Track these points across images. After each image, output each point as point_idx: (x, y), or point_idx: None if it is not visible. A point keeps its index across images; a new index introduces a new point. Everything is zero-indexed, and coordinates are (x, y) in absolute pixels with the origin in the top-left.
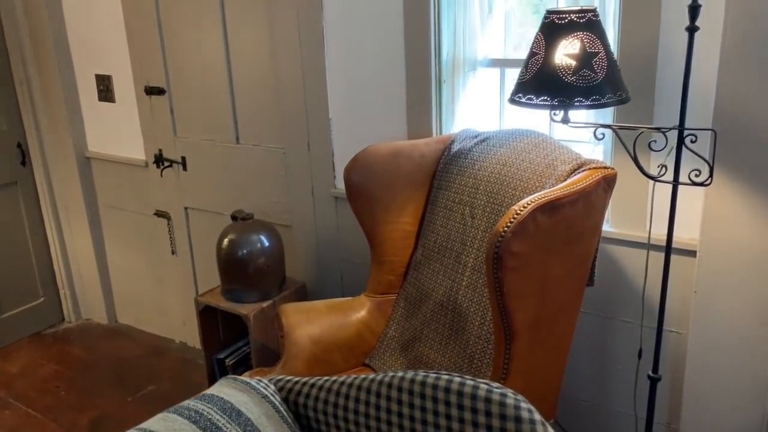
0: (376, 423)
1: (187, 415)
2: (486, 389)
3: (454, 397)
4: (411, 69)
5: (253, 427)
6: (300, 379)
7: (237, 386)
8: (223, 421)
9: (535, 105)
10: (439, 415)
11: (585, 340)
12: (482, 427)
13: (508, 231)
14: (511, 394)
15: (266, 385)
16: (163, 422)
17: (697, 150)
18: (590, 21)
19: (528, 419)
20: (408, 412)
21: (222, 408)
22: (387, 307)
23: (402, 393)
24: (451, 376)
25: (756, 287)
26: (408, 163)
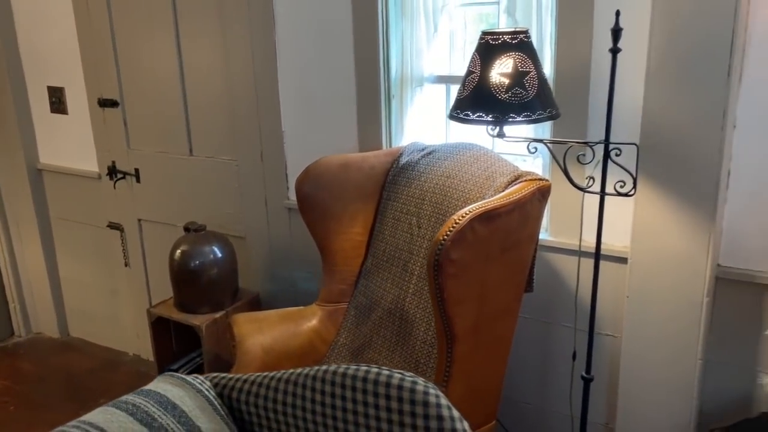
0: (302, 412)
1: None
2: (399, 378)
3: (371, 385)
4: (361, 84)
5: (187, 418)
6: (234, 375)
7: (174, 382)
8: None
9: (472, 121)
10: (357, 403)
11: (527, 344)
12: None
13: (447, 239)
14: (422, 382)
15: (202, 381)
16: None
17: (626, 162)
18: (522, 42)
19: (435, 403)
20: (330, 401)
21: (158, 401)
22: (338, 315)
23: (325, 384)
24: (370, 367)
25: (684, 292)
26: (358, 175)
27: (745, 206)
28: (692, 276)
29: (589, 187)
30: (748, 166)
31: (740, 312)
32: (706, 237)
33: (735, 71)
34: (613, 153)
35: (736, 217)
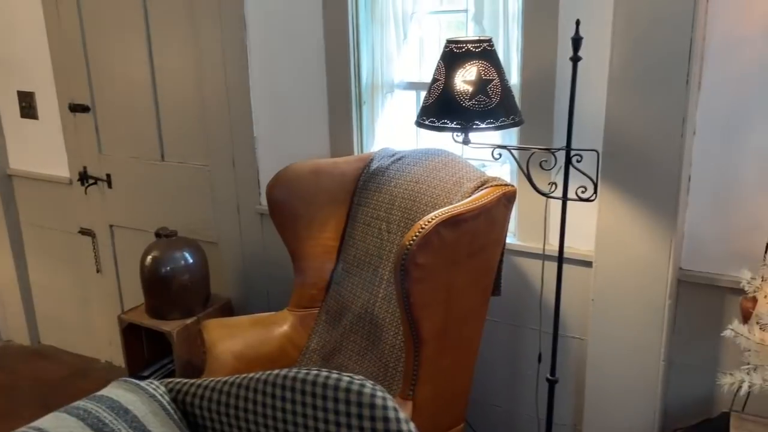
0: (253, 416)
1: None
2: (347, 381)
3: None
4: (332, 90)
5: (139, 423)
6: (189, 380)
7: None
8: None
9: (437, 127)
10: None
11: (495, 346)
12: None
13: (413, 244)
14: (370, 385)
15: (156, 386)
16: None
17: (589, 168)
18: (485, 50)
19: (381, 405)
20: (281, 405)
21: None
22: (309, 320)
23: (276, 388)
24: (320, 371)
25: (647, 295)
26: (329, 180)
27: (706, 211)
28: (655, 279)
29: (551, 193)
30: (709, 171)
31: (702, 314)
32: (668, 241)
33: (694, 79)
34: (575, 159)
35: (697, 221)
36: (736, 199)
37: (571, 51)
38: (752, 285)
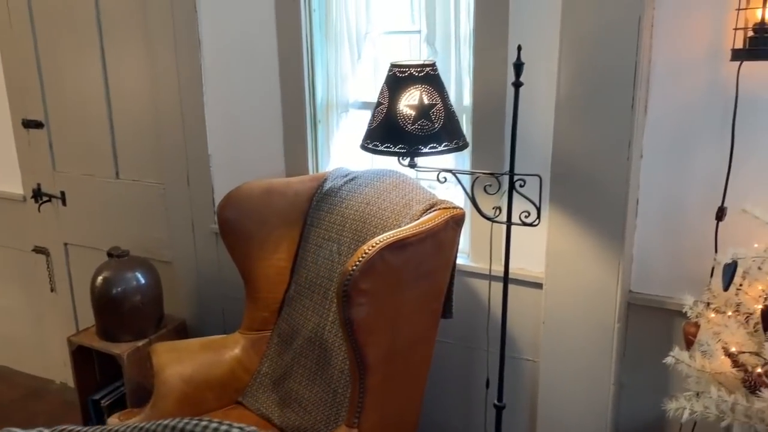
0: None
1: None
2: None
3: None
4: (287, 109)
5: None
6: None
7: None
8: None
9: (381, 151)
10: None
11: (450, 370)
12: None
13: (356, 270)
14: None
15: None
16: None
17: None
18: (428, 75)
19: None
20: None
21: None
22: (261, 343)
23: None
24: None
25: (596, 317)
26: (282, 200)
27: (654, 234)
28: (604, 302)
29: (496, 217)
30: (656, 194)
31: (652, 337)
32: (616, 264)
33: (639, 103)
34: (518, 184)
35: (646, 244)
36: (683, 223)
37: (524, 77)
38: (694, 310)
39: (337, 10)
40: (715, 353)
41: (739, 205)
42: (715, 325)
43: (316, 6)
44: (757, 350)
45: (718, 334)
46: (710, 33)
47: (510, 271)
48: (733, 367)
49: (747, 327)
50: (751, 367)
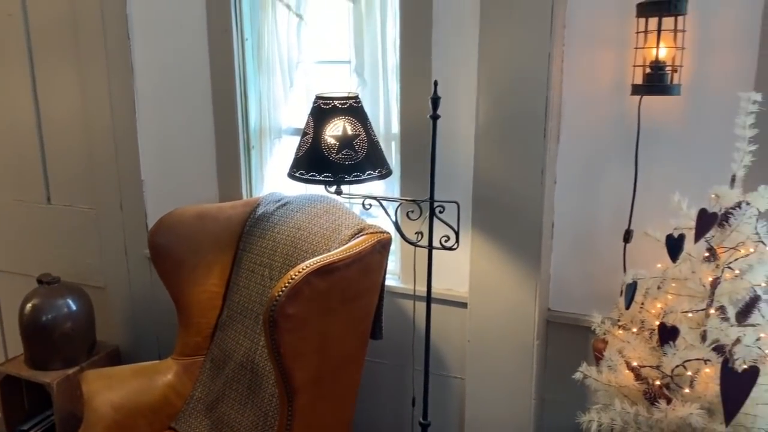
0: None
1: None
2: None
3: None
4: (220, 135)
5: None
6: None
7: None
8: None
9: (307, 180)
10: None
11: (380, 389)
12: None
13: (282, 295)
14: None
15: None
16: None
17: (461, 215)
18: (352, 107)
19: None
20: None
21: None
22: (194, 369)
23: None
24: None
25: (517, 335)
26: (214, 225)
27: (569, 255)
28: (523, 320)
29: (418, 241)
30: (570, 218)
31: (570, 353)
32: (533, 284)
33: (552, 132)
34: (438, 210)
35: (562, 265)
36: (595, 245)
37: (443, 104)
38: (602, 327)
39: (269, 39)
40: (619, 367)
41: (644, 228)
42: (620, 341)
43: (249, 35)
44: (657, 364)
45: (622, 350)
46: (614, 69)
47: (437, 292)
48: (636, 380)
49: (650, 342)
50: (651, 380)
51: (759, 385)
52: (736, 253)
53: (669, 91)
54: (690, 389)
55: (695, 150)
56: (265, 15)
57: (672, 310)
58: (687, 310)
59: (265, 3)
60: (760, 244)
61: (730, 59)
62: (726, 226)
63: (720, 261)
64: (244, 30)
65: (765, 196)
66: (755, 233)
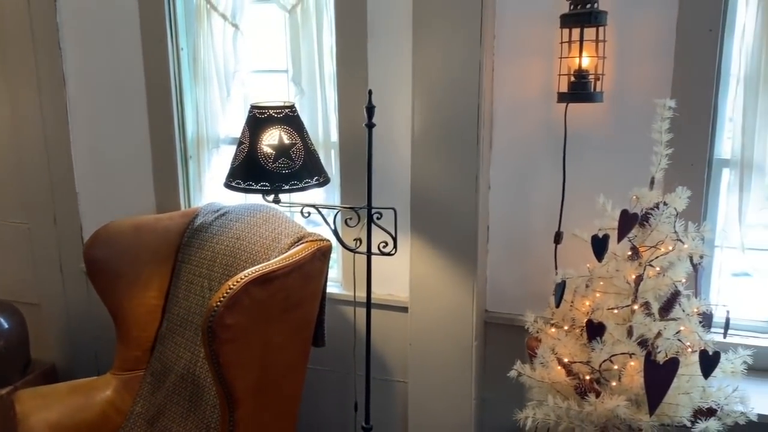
0: None
1: None
2: None
3: None
4: (157, 146)
5: None
6: None
7: None
8: None
9: (243, 189)
10: None
11: (324, 395)
12: None
13: (220, 305)
14: None
15: None
16: None
17: (401, 221)
18: (287, 116)
19: None
20: None
21: None
22: (134, 383)
23: None
24: None
25: (456, 337)
26: (151, 237)
27: (504, 257)
28: (462, 322)
29: (357, 248)
30: (504, 221)
31: (507, 353)
32: (470, 286)
33: (484, 139)
34: (375, 216)
35: (498, 267)
36: (528, 247)
37: (384, 112)
38: (535, 326)
39: (205, 49)
40: (551, 364)
41: (573, 230)
42: (552, 338)
43: (184, 45)
44: (587, 360)
45: (554, 347)
46: (542, 77)
47: (379, 298)
48: (567, 375)
49: (581, 339)
50: (582, 375)
51: (680, 376)
52: (656, 251)
53: (592, 98)
54: (617, 382)
55: (618, 154)
56: (200, 25)
57: (599, 307)
58: (613, 307)
59: (201, 13)
60: (678, 242)
61: (649, 67)
62: (646, 225)
63: (642, 259)
64: (179, 40)
65: (682, 197)
66: (674, 232)
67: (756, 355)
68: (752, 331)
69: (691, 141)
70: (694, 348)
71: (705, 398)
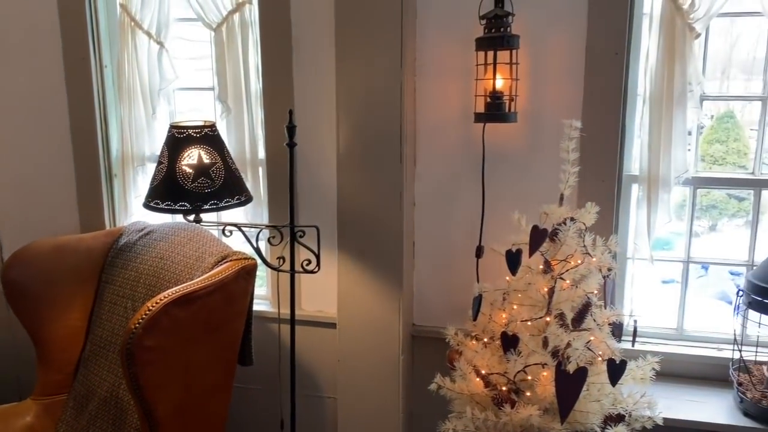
0: None
1: None
2: None
3: None
4: (80, 164)
5: None
6: None
7: None
8: None
9: (162, 209)
10: None
11: (253, 414)
12: None
13: (139, 327)
14: None
15: None
16: None
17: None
18: (207, 135)
19: None
20: None
21: None
22: (56, 408)
23: None
24: None
25: (384, 352)
26: (74, 258)
27: (430, 272)
28: (389, 337)
29: (281, 266)
30: (429, 237)
31: (434, 365)
32: (397, 301)
33: (408, 158)
34: (298, 235)
35: (424, 281)
36: (452, 261)
37: (308, 131)
38: (456, 339)
39: (129, 66)
40: (469, 376)
41: (492, 244)
42: (472, 351)
43: (108, 62)
44: (504, 371)
45: (472, 359)
46: (461, 98)
47: (308, 314)
48: (486, 387)
49: (499, 351)
50: (499, 386)
51: (592, 384)
52: (567, 264)
53: (507, 118)
54: (532, 392)
55: (533, 171)
56: (124, 42)
57: (514, 320)
58: (527, 319)
59: (125, 30)
60: (587, 255)
61: (560, 89)
62: (556, 240)
63: (554, 272)
64: (102, 57)
65: (591, 212)
66: (582, 246)
67: (664, 361)
68: (662, 338)
69: (602, 158)
70: (604, 357)
71: (615, 405)
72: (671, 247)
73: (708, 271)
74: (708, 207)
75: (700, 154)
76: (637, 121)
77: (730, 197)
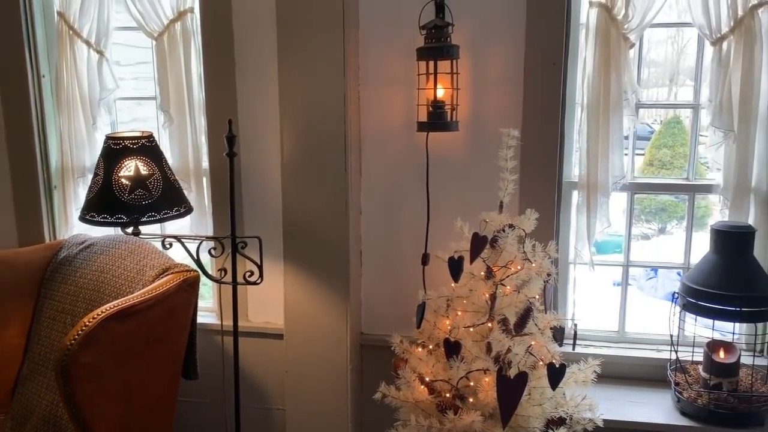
0: None
1: None
2: None
3: None
4: (17, 175)
5: None
6: None
7: None
8: None
9: (98, 222)
10: None
11: (200, 428)
12: None
13: (75, 343)
14: None
15: None
16: None
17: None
18: (144, 146)
19: None
20: None
21: None
22: None
23: None
24: None
25: (332, 361)
26: (10, 273)
27: (377, 280)
28: (337, 346)
29: (223, 278)
30: (376, 245)
31: (383, 374)
32: (344, 310)
33: (353, 167)
34: (240, 246)
35: (371, 290)
36: (399, 269)
37: (253, 142)
38: (401, 347)
39: (68, 76)
40: (413, 384)
41: (437, 252)
42: (417, 358)
43: (45, 72)
44: (447, 377)
45: (416, 367)
46: (404, 107)
47: (254, 326)
48: (430, 394)
49: (443, 357)
50: (443, 393)
51: (534, 388)
52: (507, 270)
53: (448, 127)
54: (474, 398)
55: (475, 179)
56: (62, 51)
57: (457, 326)
58: (470, 325)
59: (63, 39)
60: (527, 261)
61: (500, 98)
62: (496, 247)
63: (496, 278)
64: (40, 67)
65: (530, 218)
66: (522, 252)
67: (605, 363)
68: (604, 341)
69: (542, 165)
70: (545, 361)
71: (557, 408)
72: (621, 250)
73: (657, 273)
74: (657, 210)
75: (648, 159)
76: (575, 129)
77: (678, 200)
